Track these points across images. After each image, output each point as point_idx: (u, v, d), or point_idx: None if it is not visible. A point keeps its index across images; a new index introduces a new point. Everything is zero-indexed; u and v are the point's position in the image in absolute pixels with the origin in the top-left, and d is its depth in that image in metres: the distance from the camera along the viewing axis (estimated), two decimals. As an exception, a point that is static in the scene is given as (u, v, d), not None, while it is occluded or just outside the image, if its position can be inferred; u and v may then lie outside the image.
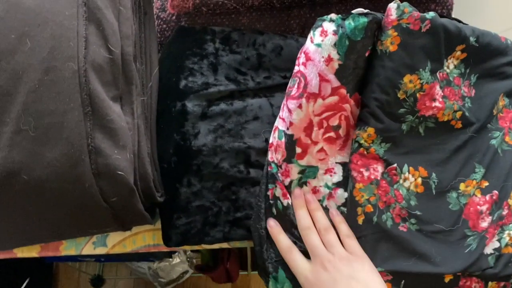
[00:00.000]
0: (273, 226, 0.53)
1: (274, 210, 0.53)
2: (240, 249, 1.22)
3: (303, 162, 0.52)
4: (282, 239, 0.52)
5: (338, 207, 0.53)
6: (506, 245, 0.55)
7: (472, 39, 0.55)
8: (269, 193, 0.53)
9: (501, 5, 0.72)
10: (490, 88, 0.58)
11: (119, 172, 0.46)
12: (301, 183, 0.53)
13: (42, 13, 0.47)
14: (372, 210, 0.52)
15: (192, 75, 0.54)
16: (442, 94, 0.54)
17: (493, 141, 0.57)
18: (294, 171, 0.52)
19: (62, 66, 0.45)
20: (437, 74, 0.54)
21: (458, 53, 0.55)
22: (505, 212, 0.56)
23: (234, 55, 0.56)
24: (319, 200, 0.53)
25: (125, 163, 0.46)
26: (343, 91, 0.51)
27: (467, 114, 0.55)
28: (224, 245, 0.56)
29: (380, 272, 0.51)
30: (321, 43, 0.50)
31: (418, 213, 0.53)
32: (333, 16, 0.50)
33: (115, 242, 0.57)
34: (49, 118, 0.45)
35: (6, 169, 0.44)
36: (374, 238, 0.52)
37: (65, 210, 0.47)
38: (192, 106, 0.54)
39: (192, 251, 1.25)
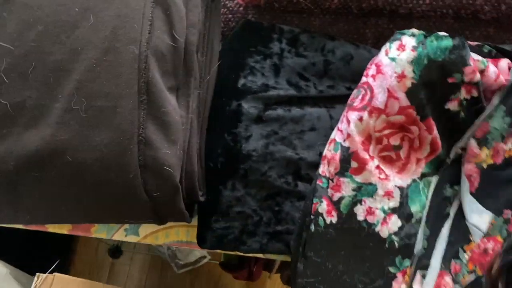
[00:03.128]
0: None
1: (312, 227, 0.50)
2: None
3: (359, 178, 0.49)
4: None
5: (389, 235, 0.49)
6: None
7: None
8: (309, 206, 0.50)
9: None
10: None
11: (166, 168, 0.43)
12: (356, 201, 0.49)
13: (109, -11, 0.44)
14: None
15: (252, 74, 0.51)
16: None
17: None
18: (347, 187, 0.49)
19: (123, 48, 0.43)
20: None
21: None
22: None
23: (300, 58, 0.53)
24: (373, 224, 0.49)
25: (174, 159, 0.44)
26: (412, 112, 0.47)
27: None
28: (259, 255, 0.53)
29: None
30: (396, 58, 0.46)
31: None
32: (415, 31, 0.46)
33: (148, 232, 0.56)
34: (102, 101, 0.42)
35: (51, 146, 0.42)
36: None
37: (104, 197, 0.45)
38: (248, 108, 0.51)
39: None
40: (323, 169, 0.50)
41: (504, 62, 0.47)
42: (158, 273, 1.45)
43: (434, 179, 0.51)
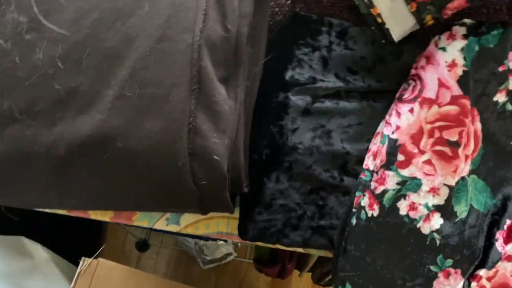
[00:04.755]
0: None
1: (354, 220, 0.49)
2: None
3: (405, 172, 0.48)
4: None
5: (431, 232, 0.48)
6: None
7: None
8: (354, 200, 0.50)
9: None
10: None
11: (215, 157, 0.43)
12: (399, 195, 0.48)
13: (165, -22, 0.45)
14: None
15: (300, 67, 0.51)
16: None
17: None
18: (391, 180, 0.48)
19: (177, 36, 0.43)
20: None
21: None
22: None
23: (349, 51, 0.52)
24: (415, 220, 0.48)
25: (222, 149, 0.44)
26: (466, 102, 0.46)
27: None
28: (299, 249, 0.53)
29: None
30: (446, 47, 0.45)
31: None
32: (465, 20, 0.46)
33: (189, 222, 0.56)
34: (155, 89, 0.43)
35: (102, 132, 0.43)
36: None
37: (152, 184, 0.46)
38: (296, 100, 0.51)
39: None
40: (366, 162, 0.49)
41: None
42: (184, 268, 1.46)
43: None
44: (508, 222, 0.48)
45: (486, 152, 0.48)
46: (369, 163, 0.49)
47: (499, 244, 0.47)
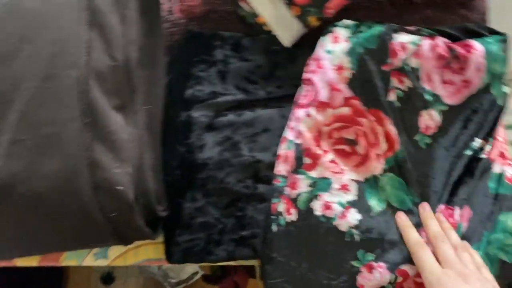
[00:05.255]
0: (403, 219, 0.49)
1: (274, 227, 0.49)
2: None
3: (314, 173, 0.49)
4: (411, 233, 0.47)
5: (349, 229, 0.49)
6: None
7: None
8: (271, 207, 0.50)
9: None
10: None
11: (118, 187, 0.43)
12: (312, 196, 0.49)
13: (42, 17, 0.44)
14: None
15: (199, 84, 0.52)
16: None
17: None
18: (302, 183, 0.49)
19: (62, 73, 0.43)
20: None
21: None
22: None
23: (245, 62, 0.53)
24: (331, 218, 0.49)
25: (125, 178, 0.44)
26: (357, 103, 0.48)
27: None
28: (231, 262, 0.53)
29: None
30: (332, 50, 0.47)
31: None
32: (347, 21, 0.48)
33: (117, 254, 0.55)
34: (47, 128, 0.42)
35: (2, 180, 0.42)
36: None
37: (63, 223, 0.45)
38: (198, 117, 0.51)
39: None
40: (278, 168, 0.50)
41: (439, 40, 0.48)
42: (153, 295, 1.44)
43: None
44: None
45: (401, 150, 0.50)
46: (280, 168, 0.50)
47: None
